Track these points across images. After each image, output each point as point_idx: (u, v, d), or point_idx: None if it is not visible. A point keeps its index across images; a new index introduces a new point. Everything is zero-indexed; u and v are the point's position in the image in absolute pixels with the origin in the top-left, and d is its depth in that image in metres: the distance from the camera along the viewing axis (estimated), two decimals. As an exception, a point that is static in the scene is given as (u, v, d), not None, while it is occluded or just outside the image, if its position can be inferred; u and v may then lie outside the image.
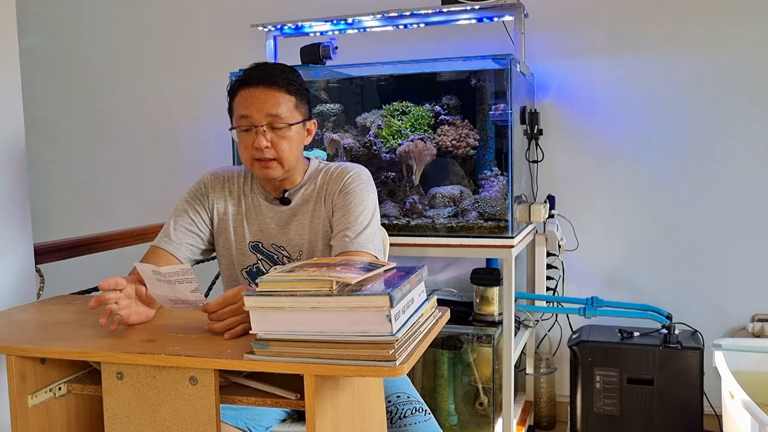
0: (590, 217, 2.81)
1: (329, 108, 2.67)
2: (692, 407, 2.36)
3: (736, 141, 2.62)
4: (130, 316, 1.29)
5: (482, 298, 2.53)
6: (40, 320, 1.40)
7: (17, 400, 1.21)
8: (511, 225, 2.30)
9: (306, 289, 1.05)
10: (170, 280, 1.22)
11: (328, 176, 1.66)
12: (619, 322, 2.59)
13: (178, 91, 3.33)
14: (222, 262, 1.71)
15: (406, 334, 1.07)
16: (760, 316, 2.63)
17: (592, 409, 2.45)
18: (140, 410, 1.15)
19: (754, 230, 2.62)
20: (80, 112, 3.52)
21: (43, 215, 3.31)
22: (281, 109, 1.56)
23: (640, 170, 2.73)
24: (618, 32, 2.71)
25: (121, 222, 2.73)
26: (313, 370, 1.04)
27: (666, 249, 2.73)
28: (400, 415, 1.52)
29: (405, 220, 2.43)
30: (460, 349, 2.50)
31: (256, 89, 1.56)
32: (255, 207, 1.67)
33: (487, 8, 2.56)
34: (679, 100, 2.67)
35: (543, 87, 2.80)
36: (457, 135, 2.45)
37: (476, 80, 2.51)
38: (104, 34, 3.45)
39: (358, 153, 2.55)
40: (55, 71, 3.54)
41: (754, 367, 2.42)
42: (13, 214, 1.83)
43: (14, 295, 1.80)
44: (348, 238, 1.54)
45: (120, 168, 3.47)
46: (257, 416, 1.48)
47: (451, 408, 2.52)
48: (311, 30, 2.81)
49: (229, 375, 1.22)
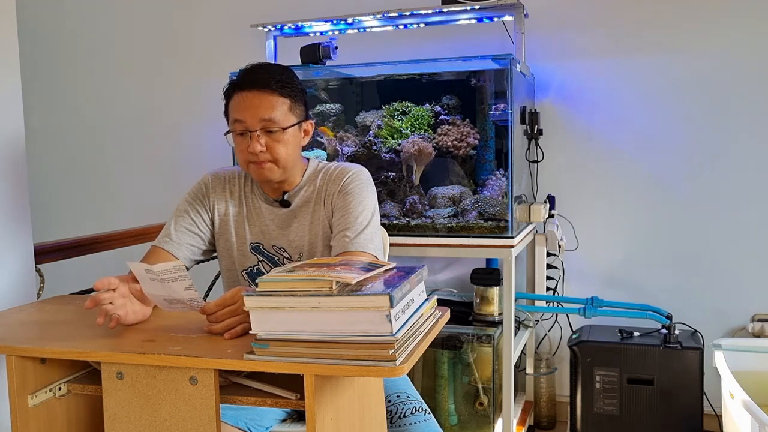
0: (590, 217, 2.81)
1: (329, 108, 2.67)
2: (692, 407, 2.36)
3: (736, 141, 2.62)
4: (128, 315, 1.29)
5: (482, 298, 2.53)
6: (40, 320, 1.40)
7: (17, 400, 1.21)
8: (511, 225, 2.30)
9: (306, 289, 1.05)
10: (163, 278, 1.22)
11: (328, 177, 1.66)
12: (619, 322, 2.59)
13: (178, 91, 3.33)
14: (223, 262, 1.71)
15: (406, 334, 1.07)
16: (760, 316, 2.63)
17: (592, 409, 2.45)
18: (140, 410, 1.15)
19: (754, 230, 2.62)
20: (80, 112, 3.52)
21: (43, 215, 3.31)
22: (275, 113, 1.54)
23: (640, 170, 2.73)
24: (618, 32, 2.71)
25: (121, 222, 2.73)
26: (313, 370, 1.04)
27: (666, 249, 2.73)
28: (400, 415, 1.52)
29: (405, 220, 2.43)
30: (460, 349, 2.51)
31: (249, 93, 1.54)
32: (255, 209, 1.67)
33: (487, 8, 2.56)
34: (679, 100, 2.67)
35: (543, 87, 2.80)
36: (457, 135, 2.45)
37: (476, 80, 2.51)
38: (104, 34, 3.45)
39: (358, 153, 2.55)
40: (55, 71, 3.54)
41: (754, 367, 2.42)
42: (13, 214, 1.83)
43: (14, 295, 1.80)
44: (348, 239, 1.54)
45: (120, 168, 3.47)
46: (257, 416, 1.48)
47: (451, 408, 2.53)
48: (311, 30, 2.81)
49: (229, 375, 1.22)
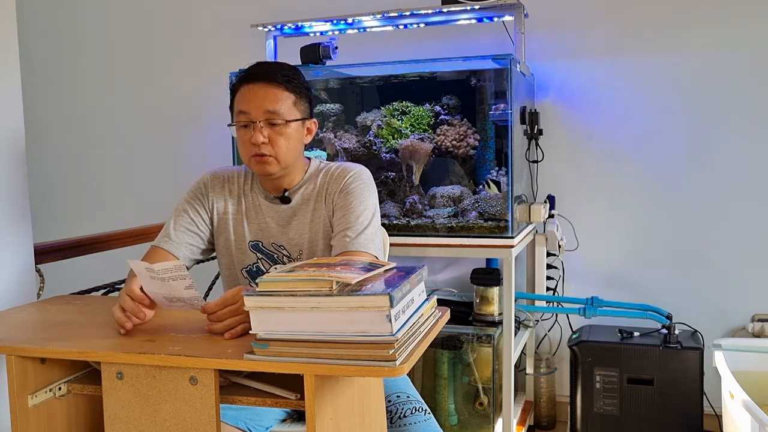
0: (590, 217, 2.81)
1: (329, 108, 2.67)
2: (692, 407, 2.36)
3: (736, 141, 2.62)
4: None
5: (482, 298, 2.53)
6: (40, 320, 1.40)
7: (17, 400, 1.21)
8: (511, 225, 2.30)
9: (306, 289, 1.05)
10: (164, 277, 1.22)
11: (329, 176, 1.66)
12: (619, 322, 2.59)
13: (178, 91, 3.33)
14: (222, 261, 1.71)
15: (406, 334, 1.07)
16: (760, 316, 2.63)
17: (592, 409, 2.45)
18: (140, 410, 1.15)
19: (754, 230, 2.62)
20: (80, 112, 3.52)
21: (43, 215, 3.30)
22: (279, 105, 1.55)
23: (640, 170, 2.73)
24: (618, 32, 2.71)
25: (121, 222, 2.73)
26: (313, 370, 1.04)
27: (666, 249, 2.73)
28: (400, 415, 1.52)
29: (405, 220, 2.43)
30: (460, 349, 2.50)
31: (255, 85, 1.56)
32: (255, 206, 1.67)
33: (487, 8, 2.56)
34: (679, 100, 2.67)
35: (543, 87, 2.80)
36: (457, 135, 2.44)
37: (476, 80, 2.51)
38: (104, 34, 3.45)
39: (358, 153, 2.55)
40: (55, 71, 3.54)
41: (754, 367, 2.42)
42: (13, 214, 1.83)
43: (14, 295, 1.80)
44: (348, 238, 1.54)
45: (120, 168, 3.47)
46: (257, 416, 1.48)
47: (451, 408, 2.52)
48: (311, 30, 2.81)
49: (229, 375, 1.22)
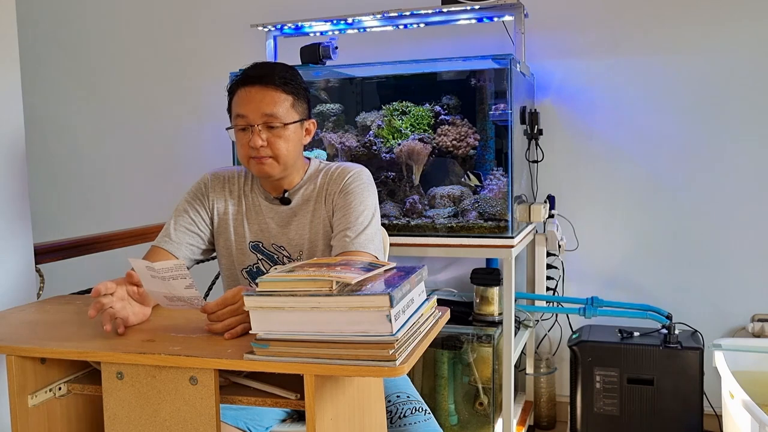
0: (590, 217, 2.81)
1: (329, 108, 2.67)
2: (692, 407, 2.36)
3: (736, 141, 2.62)
4: (129, 317, 1.29)
5: (482, 298, 2.53)
6: (40, 320, 1.40)
7: (17, 400, 1.21)
8: (511, 225, 2.30)
9: (306, 289, 1.05)
10: (164, 276, 1.22)
11: (329, 176, 1.66)
12: (619, 322, 2.59)
13: (178, 91, 3.33)
14: (222, 262, 1.71)
15: (406, 334, 1.07)
16: (760, 316, 2.63)
17: (592, 409, 2.45)
18: (140, 410, 1.15)
19: (754, 230, 2.62)
20: (80, 112, 3.52)
21: (43, 215, 3.31)
22: (277, 108, 1.55)
23: (640, 170, 2.73)
24: (618, 32, 2.71)
25: (121, 222, 2.73)
26: (313, 370, 1.04)
27: (666, 249, 2.73)
28: (399, 415, 1.52)
29: (405, 220, 2.43)
30: (460, 349, 2.50)
31: (252, 88, 1.56)
32: (255, 207, 1.67)
33: (487, 8, 2.56)
34: (679, 100, 2.67)
35: (543, 87, 2.80)
36: (457, 135, 2.44)
37: (476, 80, 2.51)
38: (104, 34, 3.45)
39: (358, 153, 2.55)
40: (55, 71, 3.54)
41: (754, 367, 2.42)
42: (13, 214, 1.83)
43: (14, 295, 1.80)
44: (348, 238, 1.54)
45: (120, 168, 3.47)
46: (257, 416, 1.48)
47: (451, 408, 2.52)
48: (311, 30, 2.81)
49: (229, 375, 1.22)
